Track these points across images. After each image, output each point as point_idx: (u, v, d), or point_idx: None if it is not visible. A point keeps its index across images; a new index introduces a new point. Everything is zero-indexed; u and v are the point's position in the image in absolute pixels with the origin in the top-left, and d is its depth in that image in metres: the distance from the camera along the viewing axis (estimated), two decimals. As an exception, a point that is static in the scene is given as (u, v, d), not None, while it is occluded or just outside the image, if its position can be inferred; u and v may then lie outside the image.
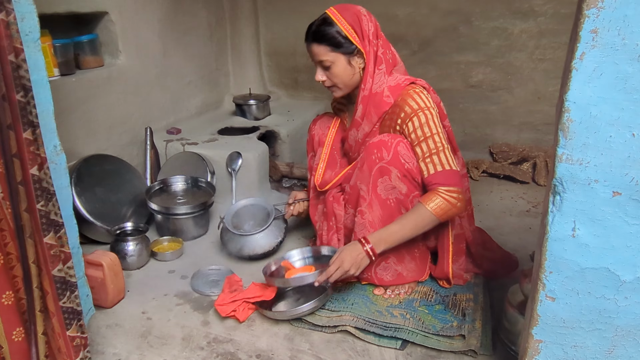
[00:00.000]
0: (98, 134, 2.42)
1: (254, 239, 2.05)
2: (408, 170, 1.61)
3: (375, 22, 1.67)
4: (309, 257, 1.85)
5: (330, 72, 1.68)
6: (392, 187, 1.63)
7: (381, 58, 1.66)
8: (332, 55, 1.64)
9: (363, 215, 1.68)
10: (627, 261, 0.99)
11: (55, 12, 2.17)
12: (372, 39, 1.64)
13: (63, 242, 1.19)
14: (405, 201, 1.65)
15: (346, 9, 1.65)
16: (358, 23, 1.62)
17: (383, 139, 1.62)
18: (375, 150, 1.61)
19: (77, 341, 1.24)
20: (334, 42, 1.63)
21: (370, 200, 1.65)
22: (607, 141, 0.93)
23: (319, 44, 1.65)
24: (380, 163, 1.61)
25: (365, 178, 1.65)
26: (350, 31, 1.61)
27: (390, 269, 1.72)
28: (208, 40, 3.23)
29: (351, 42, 1.62)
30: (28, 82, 1.07)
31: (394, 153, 1.60)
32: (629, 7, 0.85)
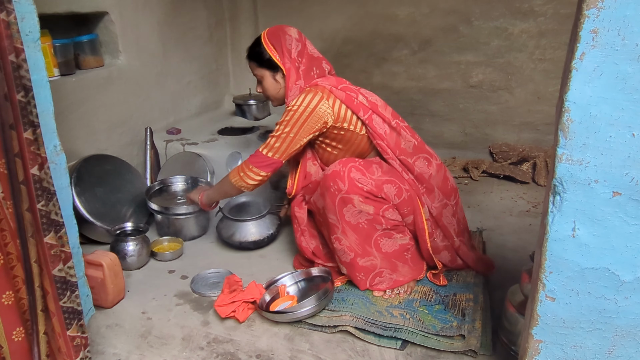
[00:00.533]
0: (98, 134, 2.42)
1: (246, 226, 2.15)
2: (368, 192, 1.65)
3: (304, 42, 1.84)
4: (300, 280, 1.87)
5: (262, 85, 1.92)
6: (359, 211, 1.66)
7: (300, 74, 1.81)
8: (260, 70, 1.87)
9: (340, 242, 1.72)
10: (627, 261, 0.99)
11: (55, 12, 2.17)
12: (296, 58, 1.81)
13: (63, 242, 1.19)
14: (377, 218, 1.68)
15: (272, 29, 1.85)
16: (279, 42, 1.81)
17: (335, 170, 1.67)
18: (332, 183, 1.66)
19: (78, 341, 1.24)
20: (259, 60, 1.85)
21: (342, 228, 1.69)
22: (607, 141, 0.93)
23: (249, 60, 1.90)
24: (340, 194, 1.65)
25: (331, 209, 1.69)
26: (272, 49, 1.81)
27: (386, 279, 1.75)
28: (208, 41, 3.23)
29: (271, 58, 1.82)
30: (28, 82, 1.07)
31: (349, 181, 1.64)
32: (629, 7, 0.85)
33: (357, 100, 1.77)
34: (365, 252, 1.70)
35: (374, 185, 1.65)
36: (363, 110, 1.75)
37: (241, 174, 1.82)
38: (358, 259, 1.71)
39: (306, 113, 1.71)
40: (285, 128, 1.74)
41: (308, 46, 1.84)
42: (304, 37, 1.86)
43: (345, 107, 1.75)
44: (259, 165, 1.79)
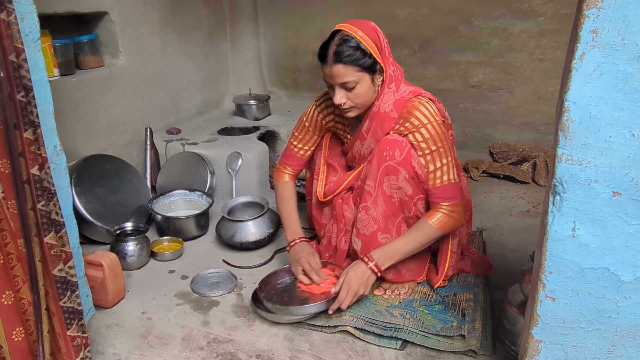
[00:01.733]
0: (98, 134, 2.42)
1: (246, 227, 2.14)
2: (417, 173, 1.61)
3: (385, 38, 1.62)
4: None
5: (353, 92, 1.58)
6: (398, 187, 1.62)
7: (391, 76, 1.62)
8: (358, 75, 1.55)
9: (368, 211, 1.68)
10: (627, 261, 0.99)
11: (55, 12, 2.17)
12: (388, 56, 1.61)
13: (64, 242, 1.19)
14: (409, 203, 1.65)
15: (363, 25, 1.57)
16: (378, 39, 1.57)
17: (397, 139, 1.60)
18: (388, 148, 1.60)
19: (78, 341, 1.24)
20: (360, 62, 1.53)
21: (376, 196, 1.65)
22: (607, 141, 0.93)
23: (344, 65, 1.52)
24: (390, 162, 1.60)
25: (373, 174, 1.64)
26: (374, 48, 1.55)
27: (392, 268, 1.72)
28: (208, 40, 3.23)
29: (375, 59, 1.55)
30: (29, 82, 1.07)
31: (407, 154, 1.59)
32: (629, 7, 0.85)
33: (446, 113, 1.71)
34: (386, 229, 1.68)
35: (424, 171, 1.61)
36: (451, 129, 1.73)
37: (451, 216, 1.60)
38: (378, 234, 1.68)
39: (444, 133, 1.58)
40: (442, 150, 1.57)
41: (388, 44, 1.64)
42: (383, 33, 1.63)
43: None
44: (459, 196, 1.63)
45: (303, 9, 3.39)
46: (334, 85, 1.59)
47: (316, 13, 3.35)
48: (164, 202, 2.39)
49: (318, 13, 3.34)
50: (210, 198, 2.37)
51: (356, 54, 1.52)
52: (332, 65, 1.54)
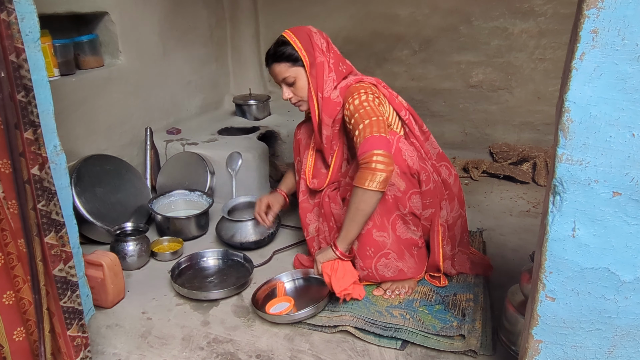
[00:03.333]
0: (98, 134, 2.42)
1: (246, 227, 2.15)
2: (408, 166, 1.63)
3: (327, 38, 1.79)
4: (299, 280, 1.87)
5: (294, 87, 1.78)
6: (391, 184, 1.63)
7: (331, 67, 1.75)
8: (293, 70, 1.75)
9: None
10: (627, 261, 0.99)
11: (55, 12, 2.17)
12: (325, 52, 1.75)
13: (64, 242, 1.19)
14: (402, 198, 1.65)
15: (298, 30, 1.77)
16: (309, 39, 1.74)
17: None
18: None
19: (78, 341, 1.24)
20: (292, 58, 1.74)
21: None
22: (607, 141, 0.93)
23: (279, 62, 1.76)
24: None
25: None
26: (299, 45, 1.73)
27: (391, 266, 1.72)
28: (208, 40, 3.23)
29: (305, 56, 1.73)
30: (29, 82, 1.07)
31: (396, 149, 1.62)
32: (629, 7, 0.85)
33: (398, 99, 1.78)
34: (382, 226, 1.68)
35: (414, 163, 1.64)
36: (404, 110, 1.78)
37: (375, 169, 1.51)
38: (374, 231, 1.68)
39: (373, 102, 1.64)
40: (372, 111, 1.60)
41: (330, 42, 1.80)
42: (325, 35, 1.80)
43: (389, 104, 1.76)
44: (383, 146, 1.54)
45: (303, 10, 3.39)
46: (280, 84, 1.81)
47: (316, 13, 3.35)
48: (164, 202, 2.40)
49: (318, 13, 3.35)
50: (210, 198, 2.37)
51: (287, 51, 1.73)
52: (271, 65, 1.78)
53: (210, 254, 2.05)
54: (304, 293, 1.82)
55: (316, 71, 1.74)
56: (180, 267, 1.96)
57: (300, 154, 2.00)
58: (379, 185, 1.51)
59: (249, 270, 1.92)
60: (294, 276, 1.86)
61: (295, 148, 2.05)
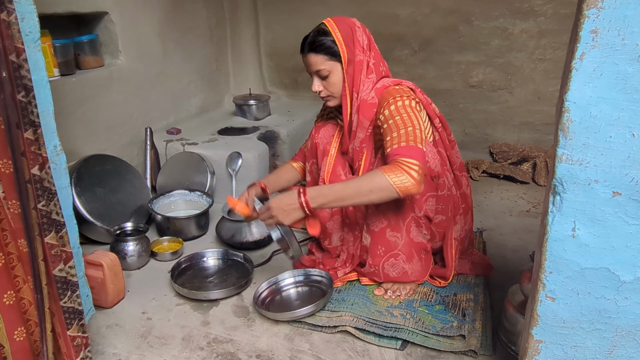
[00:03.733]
0: (98, 134, 2.42)
1: (247, 227, 2.14)
2: (430, 168, 1.62)
3: (369, 35, 1.71)
4: (299, 280, 1.86)
5: (327, 81, 1.69)
6: None
7: (372, 68, 1.68)
8: (329, 64, 1.66)
9: (378, 206, 1.67)
10: (627, 261, 0.99)
11: (55, 12, 2.17)
12: (366, 50, 1.68)
13: (64, 242, 1.19)
14: (419, 201, 1.66)
15: (341, 21, 1.68)
16: (351, 34, 1.66)
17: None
18: None
19: (78, 341, 1.24)
20: (330, 51, 1.64)
21: None
22: (607, 141, 0.93)
23: (316, 53, 1.66)
24: None
25: None
26: (340, 40, 1.64)
27: (398, 267, 1.72)
28: (208, 41, 3.23)
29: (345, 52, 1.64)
30: (29, 82, 1.07)
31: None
32: (629, 7, 0.85)
33: (432, 106, 1.73)
34: (396, 227, 1.68)
35: (435, 165, 1.63)
36: (438, 118, 1.74)
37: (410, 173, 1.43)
38: (387, 230, 1.68)
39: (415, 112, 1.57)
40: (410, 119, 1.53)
41: (372, 40, 1.72)
42: (368, 31, 1.72)
43: (425, 111, 1.69)
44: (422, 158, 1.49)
45: (303, 9, 3.39)
46: (312, 74, 1.72)
47: (316, 13, 3.35)
48: (164, 202, 2.40)
49: (318, 13, 3.34)
50: (210, 198, 2.37)
51: (326, 43, 1.64)
52: (307, 54, 1.67)
53: (210, 254, 2.05)
54: (304, 293, 1.82)
55: (354, 69, 1.66)
56: (180, 267, 1.96)
57: (317, 157, 1.91)
58: (400, 188, 1.43)
59: (249, 270, 1.92)
60: (295, 276, 1.86)
61: (312, 150, 1.93)
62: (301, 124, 3.10)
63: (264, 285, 1.80)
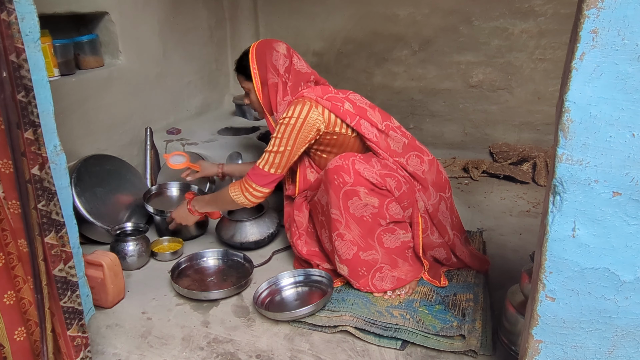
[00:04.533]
0: (98, 134, 2.42)
1: (246, 227, 2.15)
2: (373, 183, 1.65)
3: (291, 58, 1.84)
4: (299, 280, 1.86)
5: (249, 97, 1.94)
6: (364, 204, 1.66)
7: (287, 91, 1.83)
8: (247, 84, 1.88)
9: (343, 237, 1.70)
10: (627, 261, 0.99)
11: (55, 12, 2.17)
12: (283, 73, 1.82)
13: (64, 242, 1.19)
14: (381, 212, 1.68)
15: (263, 45, 1.86)
16: (265, 58, 1.82)
17: (338, 164, 1.66)
18: (335, 176, 1.65)
19: (78, 341, 1.24)
20: (246, 73, 1.86)
21: (346, 221, 1.68)
22: (607, 141, 0.93)
23: (238, 73, 1.91)
24: (345, 187, 1.64)
25: (335, 203, 1.67)
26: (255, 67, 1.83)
27: (387, 278, 1.74)
28: (208, 41, 3.23)
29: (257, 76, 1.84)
30: (29, 82, 1.07)
31: (354, 173, 1.64)
32: (629, 7, 0.85)
33: (343, 108, 1.77)
34: (368, 246, 1.70)
35: (378, 177, 1.65)
36: (350, 117, 1.77)
37: (245, 192, 1.79)
38: (360, 253, 1.71)
39: (299, 124, 1.71)
40: (282, 142, 1.73)
41: (295, 62, 1.84)
42: (292, 52, 1.86)
43: (334, 114, 1.76)
44: (262, 183, 1.77)
45: (303, 9, 3.39)
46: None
47: (316, 13, 3.35)
48: (160, 199, 2.38)
49: (318, 13, 3.35)
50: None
51: (243, 67, 1.86)
52: (236, 73, 1.94)
53: (210, 254, 2.05)
54: (304, 292, 1.82)
55: (268, 91, 1.84)
56: (180, 267, 1.96)
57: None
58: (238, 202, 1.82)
59: (249, 270, 1.92)
60: (295, 276, 1.86)
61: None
62: (301, 124, 3.10)
63: (264, 285, 1.80)
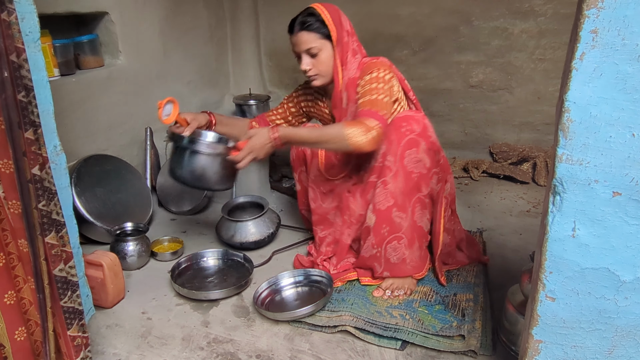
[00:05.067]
0: (98, 134, 2.42)
1: (246, 227, 2.15)
2: (433, 143, 1.68)
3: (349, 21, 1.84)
4: (299, 280, 1.86)
5: (317, 59, 1.77)
6: (419, 159, 1.67)
7: (356, 50, 1.81)
8: (320, 42, 1.76)
9: (386, 185, 1.70)
10: (627, 261, 0.99)
11: (55, 12, 2.17)
12: (350, 34, 1.80)
13: (64, 242, 1.19)
14: (426, 177, 1.69)
15: (328, 6, 1.81)
16: (339, 17, 1.78)
17: (409, 114, 1.70)
18: (404, 123, 1.67)
19: (78, 341, 1.24)
20: (321, 31, 1.75)
21: (396, 170, 1.67)
22: (607, 141, 0.93)
23: (308, 31, 1.75)
24: (411, 135, 1.65)
25: (394, 150, 1.67)
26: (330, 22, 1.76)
27: (399, 251, 1.74)
28: (208, 40, 3.23)
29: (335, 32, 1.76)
30: (30, 82, 1.08)
31: (423, 126, 1.67)
32: (629, 7, 0.85)
33: (405, 82, 1.86)
34: (403, 206, 1.70)
35: (436, 139, 1.71)
36: (411, 91, 1.85)
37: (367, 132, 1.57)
38: (394, 210, 1.70)
39: (387, 85, 1.70)
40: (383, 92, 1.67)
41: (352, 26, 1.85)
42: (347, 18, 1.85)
43: (401, 86, 1.82)
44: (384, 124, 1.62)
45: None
46: (301, 53, 1.80)
47: (316, 13, 3.34)
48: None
49: (318, 13, 3.34)
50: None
51: (317, 23, 1.75)
52: (298, 33, 1.77)
53: (211, 254, 2.05)
54: (304, 292, 1.82)
55: (342, 49, 1.77)
56: (180, 267, 1.96)
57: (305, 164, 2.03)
58: (352, 142, 1.57)
59: (249, 270, 1.92)
60: (295, 276, 1.86)
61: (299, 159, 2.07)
62: (301, 124, 3.10)
63: (264, 285, 1.80)
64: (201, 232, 2.34)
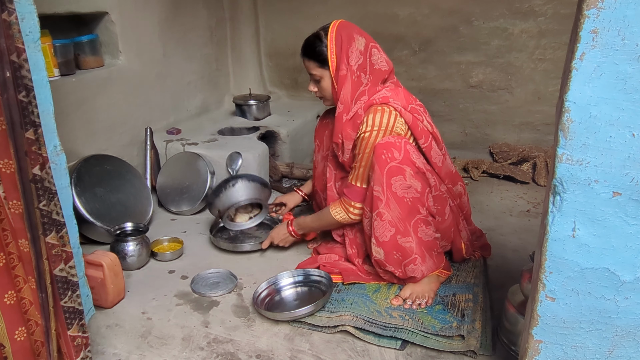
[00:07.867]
0: (98, 134, 2.42)
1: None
2: (417, 167, 1.65)
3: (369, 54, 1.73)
4: (299, 280, 1.86)
5: (319, 85, 1.81)
6: (408, 186, 1.63)
7: (364, 91, 1.73)
8: (320, 70, 1.76)
9: (382, 217, 1.66)
10: (627, 261, 0.99)
11: (55, 12, 2.17)
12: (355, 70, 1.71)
13: (65, 242, 1.19)
14: (421, 199, 1.66)
15: (343, 29, 1.72)
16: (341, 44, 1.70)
17: (389, 140, 1.64)
18: (384, 151, 1.63)
19: (78, 341, 1.24)
20: (320, 59, 1.74)
21: (387, 199, 1.64)
22: (607, 141, 0.93)
23: (308, 59, 1.77)
24: (392, 163, 1.62)
25: (378, 178, 1.64)
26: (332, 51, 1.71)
27: (417, 270, 1.71)
28: (208, 41, 3.23)
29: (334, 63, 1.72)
30: (30, 82, 1.07)
31: (405, 152, 1.63)
32: (629, 7, 0.85)
33: (422, 124, 1.74)
34: (405, 231, 1.67)
35: (420, 163, 1.67)
36: (425, 137, 1.74)
37: (347, 211, 1.80)
38: (398, 237, 1.67)
39: (381, 135, 1.68)
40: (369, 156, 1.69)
41: (375, 59, 1.74)
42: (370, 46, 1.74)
43: (411, 132, 1.73)
44: (359, 199, 1.77)
45: (303, 9, 3.39)
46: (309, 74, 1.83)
47: (316, 13, 3.35)
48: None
49: (318, 13, 3.34)
50: None
51: (318, 50, 1.72)
52: (302, 57, 1.80)
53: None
54: (303, 292, 1.82)
55: (339, 83, 1.72)
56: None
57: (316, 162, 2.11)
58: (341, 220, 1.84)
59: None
60: (294, 276, 1.86)
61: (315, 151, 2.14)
62: (301, 124, 3.10)
63: (263, 285, 1.80)
64: (201, 232, 2.34)
